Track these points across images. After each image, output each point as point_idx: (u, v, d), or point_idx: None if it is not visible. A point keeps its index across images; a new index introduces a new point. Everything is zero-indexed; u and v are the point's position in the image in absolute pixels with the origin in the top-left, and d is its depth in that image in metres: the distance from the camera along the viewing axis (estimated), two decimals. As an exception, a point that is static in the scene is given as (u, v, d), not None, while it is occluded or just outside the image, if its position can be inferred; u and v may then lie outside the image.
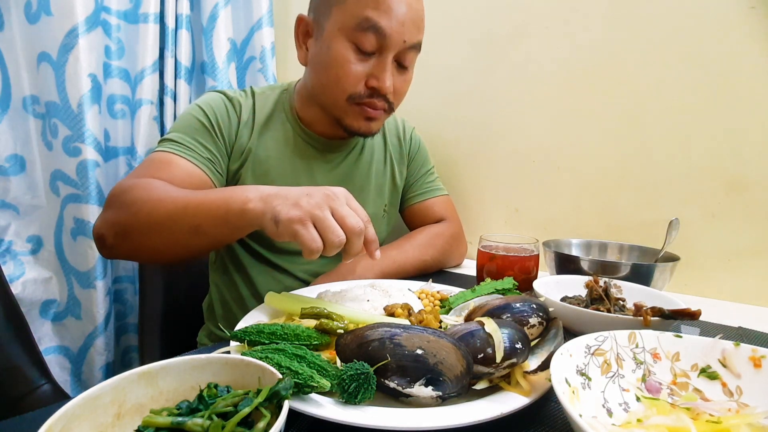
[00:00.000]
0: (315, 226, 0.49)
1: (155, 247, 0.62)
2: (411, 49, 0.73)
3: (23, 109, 1.08)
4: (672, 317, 0.52)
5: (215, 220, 0.56)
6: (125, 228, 0.61)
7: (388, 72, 0.71)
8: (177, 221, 0.58)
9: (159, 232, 0.60)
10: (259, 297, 0.83)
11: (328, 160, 0.85)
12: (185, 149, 0.72)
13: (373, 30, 0.68)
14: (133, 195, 0.62)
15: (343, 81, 0.72)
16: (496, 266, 0.73)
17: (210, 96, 0.80)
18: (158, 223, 0.59)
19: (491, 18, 1.09)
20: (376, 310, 0.57)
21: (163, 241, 0.61)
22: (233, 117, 0.79)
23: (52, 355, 1.13)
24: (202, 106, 0.77)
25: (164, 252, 0.64)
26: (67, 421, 0.28)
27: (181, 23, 1.23)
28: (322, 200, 0.50)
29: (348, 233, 0.50)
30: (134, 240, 0.62)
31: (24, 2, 1.03)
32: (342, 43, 0.70)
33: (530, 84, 1.04)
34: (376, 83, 0.71)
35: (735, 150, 0.81)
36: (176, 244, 0.61)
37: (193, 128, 0.75)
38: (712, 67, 0.82)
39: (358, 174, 0.89)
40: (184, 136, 0.73)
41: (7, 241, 1.08)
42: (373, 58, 0.71)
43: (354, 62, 0.71)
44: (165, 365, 0.34)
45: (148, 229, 0.60)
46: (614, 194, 0.95)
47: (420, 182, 0.99)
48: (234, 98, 0.80)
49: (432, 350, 0.38)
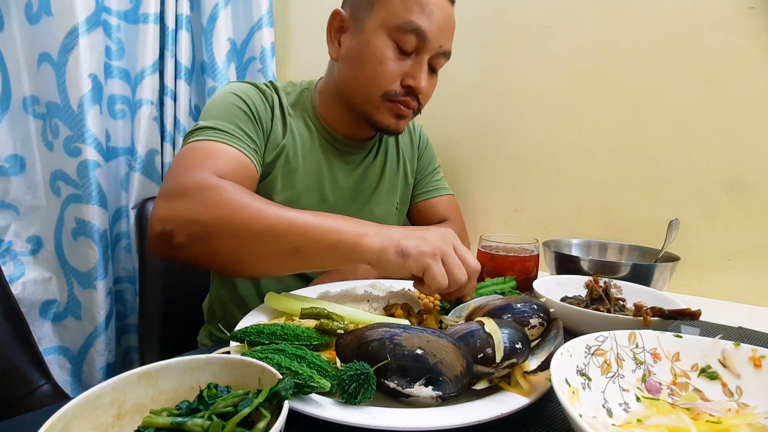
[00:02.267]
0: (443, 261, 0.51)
1: (240, 259, 0.57)
2: (443, 55, 0.75)
3: (23, 109, 1.08)
4: (672, 317, 0.52)
5: (321, 246, 0.53)
6: (208, 230, 0.55)
7: (424, 73, 0.72)
8: (278, 238, 0.54)
9: (254, 245, 0.55)
10: (260, 298, 0.82)
11: (348, 161, 0.85)
12: (231, 137, 0.67)
13: (415, 32, 0.69)
14: (221, 196, 0.56)
15: (381, 77, 0.72)
16: (496, 266, 0.73)
17: (239, 85, 0.77)
18: (255, 236, 0.54)
19: (491, 18, 1.09)
20: (376, 310, 0.57)
21: (254, 255, 0.56)
22: (267, 107, 0.77)
23: (52, 355, 1.13)
24: (237, 93, 0.74)
25: (249, 266, 0.59)
26: (67, 422, 0.28)
27: (181, 23, 1.23)
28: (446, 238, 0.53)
29: (470, 272, 0.52)
30: (215, 246, 0.56)
31: (24, 2, 1.03)
32: (383, 40, 0.71)
33: (530, 84, 1.04)
34: (412, 82, 0.72)
35: (735, 150, 0.81)
36: (269, 261, 0.57)
37: (235, 115, 0.71)
38: (712, 66, 0.82)
39: (373, 174, 0.89)
40: (227, 124, 0.68)
41: (7, 241, 1.08)
42: (410, 59, 0.72)
43: (393, 60, 0.71)
44: (165, 365, 0.33)
45: (239, 239, 0.55)
46: (614, 194, 0.95)
47: (426, 180, 0.99)
48: (264, 90, 0.78)
49: (432, 350, 0.38)
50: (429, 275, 0.50)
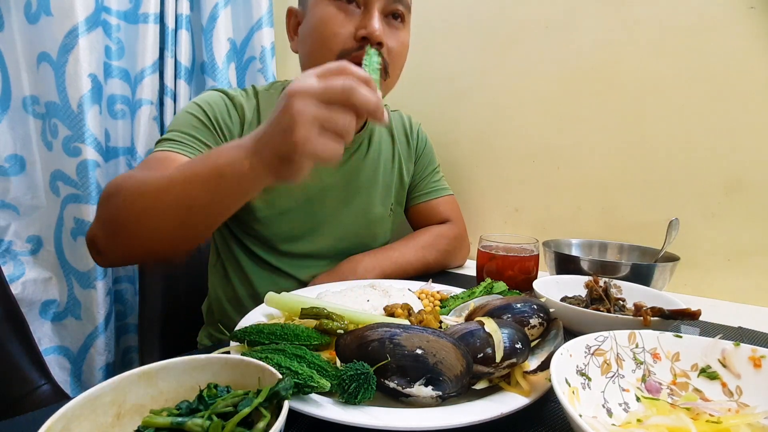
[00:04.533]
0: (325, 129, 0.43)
1: (146, 239, 0.57)
2: (397, 2, 0.72)
3: (23, 109, 1.08)
4: (672, 317, 0.52)
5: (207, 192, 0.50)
6: (113, 224, 0.57)
7: (375, 18, 0.69)
8: (165, 202, 0.53)
9: (147, 220, 0.54)
10: (253, 298, 0.82)
11: None
12: (183, 146, 0.69)
13: None
14: (116, 189, 0.58)
15: (330, 39, 0.70)
16: (496, 266, 0.73)
17: (208, 94, 0.78)
18: (144, 210, 0.54)
19: (491, 18, 1.09)
20: (376, 310, 0.57)
21: (153, 230, 0.55)
22: (234, 115, 0.77)
23: (52, 355, 1.13)
24: (199, 104, 0.75)
25: (157, 244, 0.58)
26: (67, 421, 0.28)
27: (181, 23, 1.23)
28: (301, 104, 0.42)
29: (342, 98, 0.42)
30: (124, 236, 0.57)
31: (24, 2, 1.03)
32: (324, 4, 0.70)
33: (530, 84, 1.04)
34: (364, 31, 0.68)
35: (735, 150, 0.81)
36: (168, 231, 0.55)
37: (191, 125, 0.72)
38: (712, 66, 0.82)
39: (366, 173, 0.87)
40: (181, 134, 0.70)
41: (7, 241, 1.08)
42: (359, 14, 0.70)
43: (340, 17, 0.69)
44: (165, 365, 0.34)
45: (136, 219, 0.55)
46: (614, 194, 0.95)
47: (426, 181, 0.98)
48: (234, 97, 0.78)
49: (432, 350, 0.38)
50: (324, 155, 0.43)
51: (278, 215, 0.79)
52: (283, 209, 0.79)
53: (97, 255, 0.60)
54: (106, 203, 0.59)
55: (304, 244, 0.82)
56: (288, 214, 0.80)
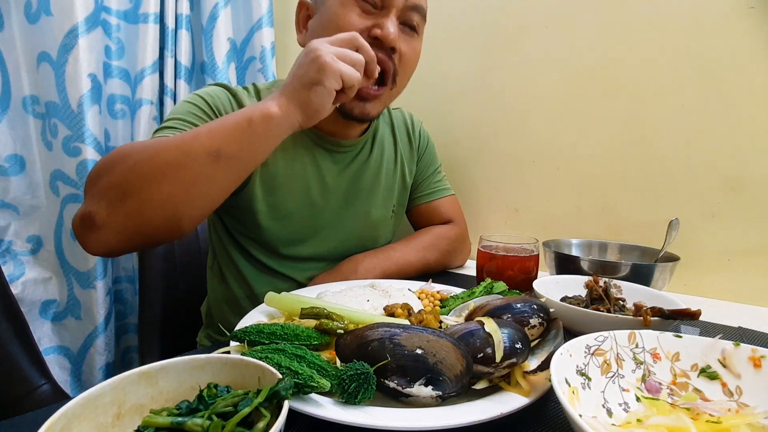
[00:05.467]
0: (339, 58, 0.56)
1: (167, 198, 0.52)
2: (414, 10, 0.72)
3: (23, 109, 1.08)
4: (672, 317, 0.52)
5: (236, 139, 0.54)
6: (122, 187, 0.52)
7: (391, 21, 0.69)
8: (191, 152, 0.51)
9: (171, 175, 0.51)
10: (250, 299, 0.82)
11: (337, 160, 0.82)
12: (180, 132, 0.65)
13: None
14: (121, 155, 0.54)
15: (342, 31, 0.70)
16: (496, 266, 0.73)
17: (210, 87, 0.76)
18: (167, 163, 0.51)
19: (491, 18, 1.09)
20: (376, 310, 0.57)
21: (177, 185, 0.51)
22: (236, 108, 0.74)
23: (52, 355, 1.13)
24: (200, 94, 0.73)
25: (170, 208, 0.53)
26: (67, 421, 0.28)
27: (181, 23, 1.23)
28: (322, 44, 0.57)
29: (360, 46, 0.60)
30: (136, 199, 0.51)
31: (24, 2, 1.03)
32: (343, 2, 0.69)
33: (530, 84, 1.04)
34: (379, 32, 0.68)
35: (735, 150, 0.81)
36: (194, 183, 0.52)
37: (190, 113, 0.69)
38: (712, 66, 0.82)
39: (368, 175, 0.86)
40: (181, 121, 0.67)
41: (7, 241, 1.08)
42: (375, 16, 0.70)
43: (356, 15, 0.69)
44: (165, 365, 0.33)
45: (154, 176, 0.51)
46: (614, 194, 0.95)
47: (427, 182, 0.97)
48: (237, 92, 0.76)
49: (432, 350, 0.38)
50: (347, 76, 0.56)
51: (281, 219, 0.78)
52: (285, 213, 0.78)
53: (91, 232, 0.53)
54: (110, 170, 0.54)
55: (305, 247, 0.82)
56: (290, 218, 0.79)
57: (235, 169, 0.56)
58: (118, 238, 0.53)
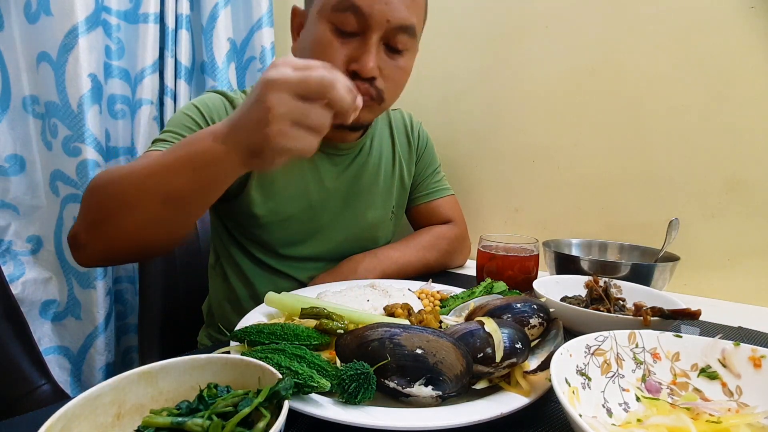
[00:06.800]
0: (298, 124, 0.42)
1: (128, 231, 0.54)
2: (400, 31, 0.66)
3: (23, 109, 1.08)
4: (672, 317, 0.52)
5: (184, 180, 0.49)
6: (96, 216, 0.55)
7: (369, 53, 0.65)
8: (144, 192, 0.51)
9: (129, 210, 0.53)
10: (259, 302, 0.82)
11: (335, 163, 0.82)
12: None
13: (351, 9, 0.63)
14: (99, 182, 0.57)
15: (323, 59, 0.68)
16: (496, 266, 0.73)
17: (207, 95, 0.77)
18: (125, 200, 0.53)
19: (491, 18, 1.09)
20: (376, 310, 0.57)
21: (134, 221, 0.53)
22: None
23: (52, 355, 1.13)
24: (197, 105, 0.73)
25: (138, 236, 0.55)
26: (67, 421, 0.28)
27: (181, 23, 1.23)
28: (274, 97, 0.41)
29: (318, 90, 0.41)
30: (106, 228, 0.55)
31: (24, 2, 1.03)
32: (322, 26, 0.66)
33: (530, 83, 1.04)
34: (356, 66, 0.65)
35: (735, 150, 0.81)
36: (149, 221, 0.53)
37: (185, 126, 0.70)
38: (712, 66, 0.82)
39: (366, 177, 0.86)
40: (174, 135, 0.68)
41: (7, 241, 1.08)
42: (356, 41, 0.66)
43: (335, 44, 0.65)
44: (165, 365, 0.34)
45: (117, 209, 0.53)
46: (614, 194, 0.95)
47: (427, 182, 0.97)
48: (234, 99, 0.76)
49: (432, 350, 0.38)
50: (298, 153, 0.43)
51: (280, 221, 0.78)
52: (285, 216, 0.78)
53: (77, 250, 0.58)
54: (90, 196, 0.57)
55: (304, 247, 0.82)
56: (290, 220, 0.79)
57: (187, 206, 0.53)
58: (100, 256, 0.59)
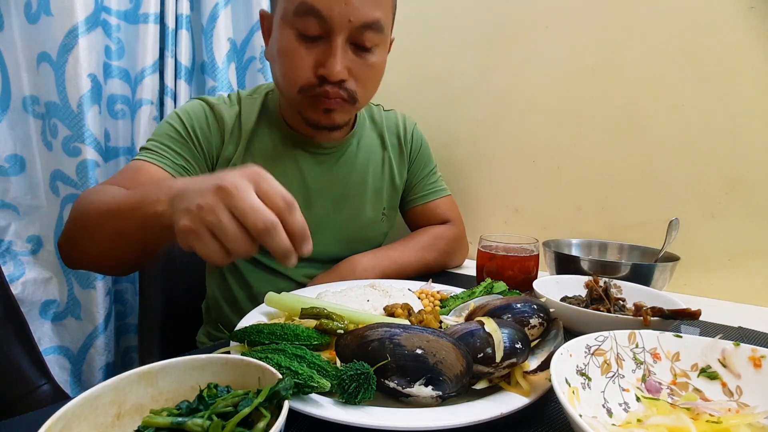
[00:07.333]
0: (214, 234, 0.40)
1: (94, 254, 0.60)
2: (365, 28, 0.65)
3: (23, 109, 1.08)
4: (672, 317, 0.52)
5: (134, 224, 0.50)
6: (69, 235, 0.61)
7: (335, 57, 0.64)
8: (102, 228, 0.55)
9: (91, 239, 0.57)
10: (257, 302, 0.82)
11: (319, 161, 0.82)
12: (158, 156, 0.70)
13: (312, 13, 0.62)
14: (79, 202, 0.61)
15: (291, 73, 0.67)
16: (496, 266, 0.73)
17: (190, 104, 0.78)
18: (88, 229, 0.57)
19: (491, 18, 1.09)
20: (376, 310, 0.57)
21: (96, 248, 0.58)
22: (213, 125, 0.76)
23: (52, 355, 1.13)
24: (179, 114, 0.75)
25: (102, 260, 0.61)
26: (67, 421, 0.28)
27: (181, 23, 1.23)
28: (214, 200, 0.39)
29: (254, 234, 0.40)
30: (78, 247, 0.60)
31: (24, 2, 1.03)
32: (286, 32, 0.66)
33: (530, 84, 1.04)
34: (323, 71, 0.65)
35: (735, 150, 0.81)
36: (109, 252, 0.58)
37: (167, 135, 0.73)
38: (712, 66, 0.82)
39: (354, 177, 0.86)
40: (158, 144, 0.72)
41: (7, 241, 1.08)
42: (321, 45, 0.65)
43: (301, 51, 0.65)
44: (165, 365, 0.34)
45: (83, 235, 0.58)
46: (614, 194, 0.95)
47: (423, 183, 0.96)
48: (216, 105, 0.77)
49: (432, 350, 0.38)
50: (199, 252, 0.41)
51: None
52: None
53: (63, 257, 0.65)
54: (71, 215, 0.61)
55: None
56: None
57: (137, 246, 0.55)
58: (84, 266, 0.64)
